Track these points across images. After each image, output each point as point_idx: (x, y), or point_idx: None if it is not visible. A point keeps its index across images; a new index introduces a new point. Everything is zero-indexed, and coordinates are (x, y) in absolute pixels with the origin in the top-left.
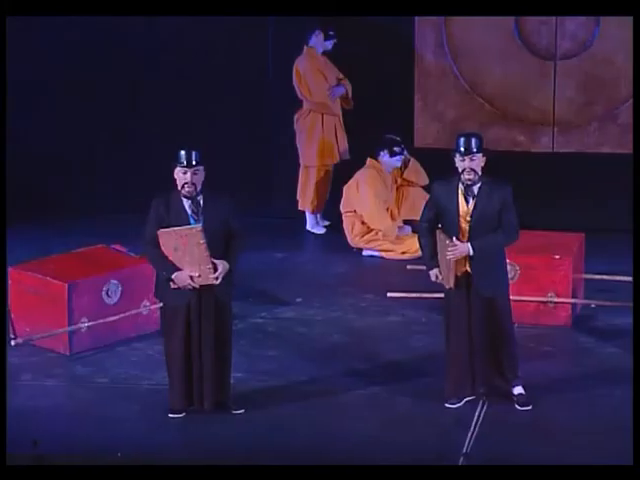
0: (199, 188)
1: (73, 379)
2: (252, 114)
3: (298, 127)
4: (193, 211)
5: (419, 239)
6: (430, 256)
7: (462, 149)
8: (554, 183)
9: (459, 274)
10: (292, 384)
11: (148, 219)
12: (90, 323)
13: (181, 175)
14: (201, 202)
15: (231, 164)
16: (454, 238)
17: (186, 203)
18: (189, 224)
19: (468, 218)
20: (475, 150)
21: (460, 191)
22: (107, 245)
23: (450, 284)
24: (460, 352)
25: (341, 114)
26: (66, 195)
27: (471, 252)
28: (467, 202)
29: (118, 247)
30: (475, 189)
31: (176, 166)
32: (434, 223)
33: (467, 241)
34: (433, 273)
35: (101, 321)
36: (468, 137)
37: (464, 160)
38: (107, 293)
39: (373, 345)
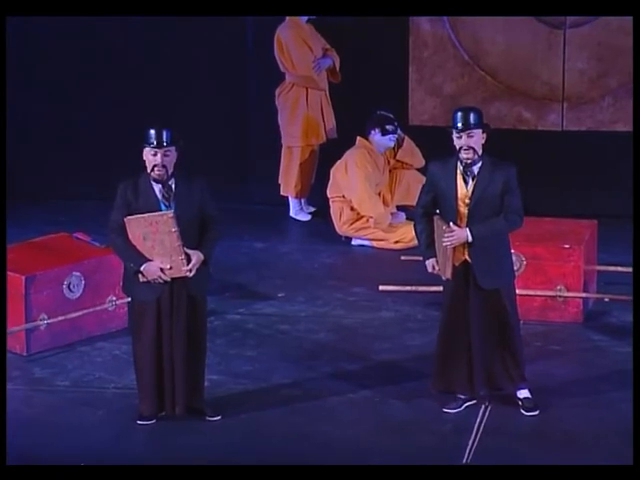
0: (170, 171)
1: (31, 382)
2: (229, 88)
3: (280, 103)
4: (164, 196)
5: (415, 226)
6: (426, 245)
7: (459, 125)
8: (563, 165)
9: (457, 263)
10: (274, 387)
11: (114, 205)
12: (50, 320)
13: (150, 157)
14: (173, 186)
15: (205, 144)
16: (451, 223)
17: (156, 187)
18: (159, 210)
19: (467, 201)
20: (473, 125)
21: (458, 171)
22: (69, 233)
23: (447, 275)
24: (456, 350)
25: (328, 88)
26: (24, 179)
27: (469, 238)
28: (466, 183)
29: (81, 236)
30: (475, 169)
31: (145, 147)
32: (431, 208)
33: (466, 226)
34: (429, 263)
35: (62, 318)
36: (465, 111)
37: (461, 137)
38: (69, 287)
39: (364, 344)
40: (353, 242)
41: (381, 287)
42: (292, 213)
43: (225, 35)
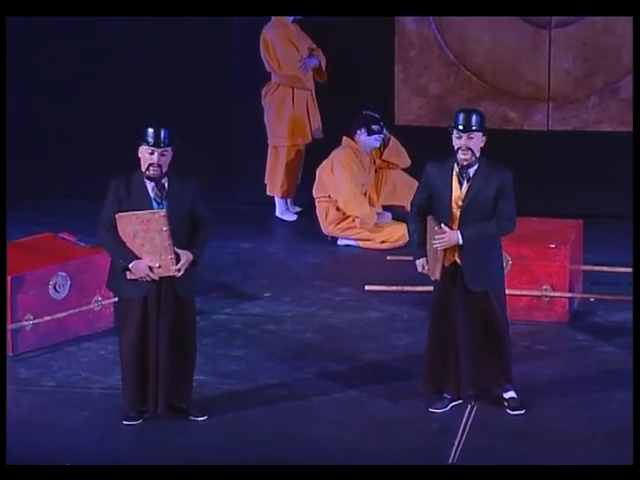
0: (165, 170)
1: (16, 382)
2: (214, 88)
3: (266, 103)
4: (157, 195)
5: (408, 225)
6: (418, 244)
7: (460, 126)
8: (549, 164)
9: (447, 264)
10: (260, 387)
11: (106, 201)
12: (36, 320)
13: (147, 155)
14: (166, 185)
15: (192, 144)
16: (442, 225)
17: (149, 185)
18: (151, 208)
19: (460, 203)
20: (474, 127)
21: (454, 173)
22: (54, 234)
23: (436, 275)
24: (444, 351)
25: (314, 88)
26: (10, 179)
27: (460, 241)
28: (461, 185)
29: (66, 236)
30: (471, 171)
31: (142, 144)
32: (426, 208)
33: (457, 229)
34: (419, 263)
35: (48, 318)
36: (468, 113)
37: (461, 137)
38: (54, 287)
39: (350, 344)
40: (339, 242)
41: (367, 287)
42: (278, 213)
43: (211, 35)
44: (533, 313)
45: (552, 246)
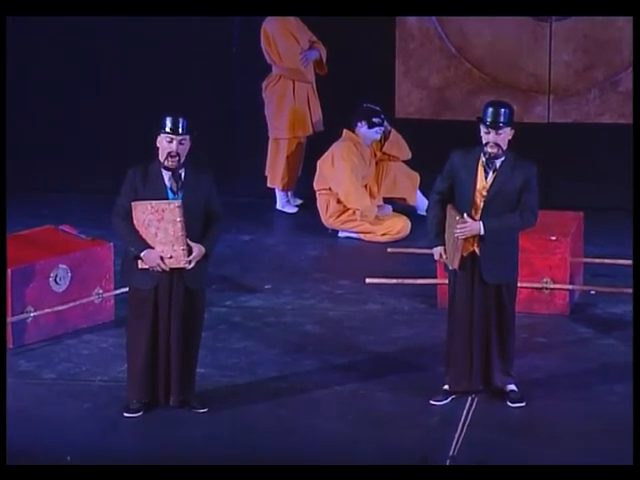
0: (182, 160)
1: (17, 375)
2: (215, 80)
3: (267, 95)
4: (173, 185)
5: (427, 212)
6: (436, 233)
7: (488, 121)
8: (549, 157)
9: (465, 254)
10: (260, 380)
11: (122, 190)
12: (36, 313)
13: (165, 144)
14: (182, 176)
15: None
16: (465, 215)
17: (166, 175)
18: (167, 199)
19: (484, 193)
20: (503, 124)
21: (480, 163)
22: (55, 226)
23: (454, 265)
24: (461, 343)
25: (314, 81)
26: (10, 171)
27: (482, 231)
28: (486, 175)
29: (67, 228)
30: (497, 163)
31: (160, 133)
32: (447, 196)
33: (479, 219)
34: (437, 251)
35: (48, 310)
36: (497, 107)
37: (489, 133)
38: (55, 279)
39: (350, 336)
40: (340, 234)
41: (368, 280)
42: (279, 205)
43: (212, 28)
44: (533, 305)
45: (553, 238)
